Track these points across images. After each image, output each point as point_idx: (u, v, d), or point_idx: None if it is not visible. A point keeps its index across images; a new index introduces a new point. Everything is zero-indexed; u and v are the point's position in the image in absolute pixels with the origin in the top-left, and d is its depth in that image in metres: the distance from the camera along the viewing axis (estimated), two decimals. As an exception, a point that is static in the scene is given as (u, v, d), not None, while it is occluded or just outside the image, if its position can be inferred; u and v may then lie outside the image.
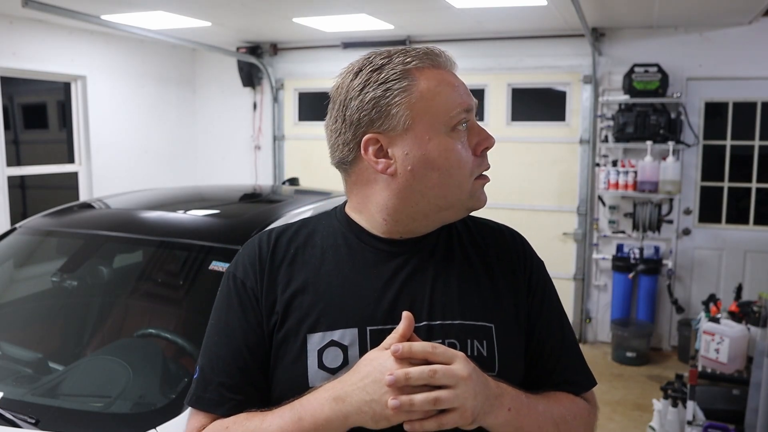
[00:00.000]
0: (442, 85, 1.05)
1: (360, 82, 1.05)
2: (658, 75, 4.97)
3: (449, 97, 1.04)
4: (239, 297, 1.10)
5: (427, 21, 5.14)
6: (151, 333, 2.21)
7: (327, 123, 1.14)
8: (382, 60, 1.05)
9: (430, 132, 1.04)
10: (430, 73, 1.05)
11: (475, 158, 1.10)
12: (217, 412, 1.07)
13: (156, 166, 6.20)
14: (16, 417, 1.76)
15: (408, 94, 1.03)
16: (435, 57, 1.06)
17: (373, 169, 1.06)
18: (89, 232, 2.60)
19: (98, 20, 4.50)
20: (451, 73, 1.08)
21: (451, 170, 1.06)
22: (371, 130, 1.05)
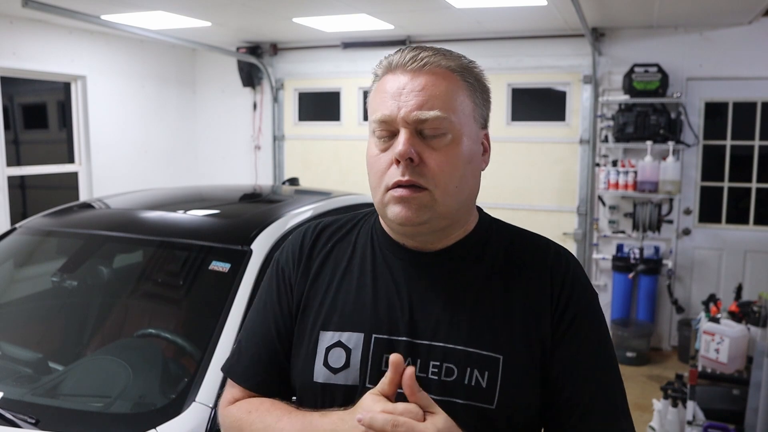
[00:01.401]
0: (380, 90, 1.05)
1: None
2: (658, 75, 4.97)
3: (376, 102, 1.05)
4: (277, 282, 1.15)
5: (427, 21, 5.14)
6: (151, 333, 2.21)
7: None
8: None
9: (370, 131, 1.07)
10: (385, 78, 1.06)
11: (392, 168, 1.02)
12: (245, 384, 1.12)
13: (156, 166, 6.20)
14: (16, 417, 1.76)
15: (369, 96, 1.09)
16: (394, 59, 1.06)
17: None
18: (89, 232, 2.60)
19: (98, 20, 4.50)
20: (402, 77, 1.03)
21: (369, 172, 1.08)
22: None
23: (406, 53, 1.05)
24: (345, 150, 6.24)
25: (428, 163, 1.00)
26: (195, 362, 1.95)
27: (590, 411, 1.01)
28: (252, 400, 1.10)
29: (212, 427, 1.79)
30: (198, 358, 1.95)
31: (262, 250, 2.30)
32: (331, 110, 6.30)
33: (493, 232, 1.14)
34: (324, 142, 6.34)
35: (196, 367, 1.92)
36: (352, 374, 1.03)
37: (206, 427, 1.78)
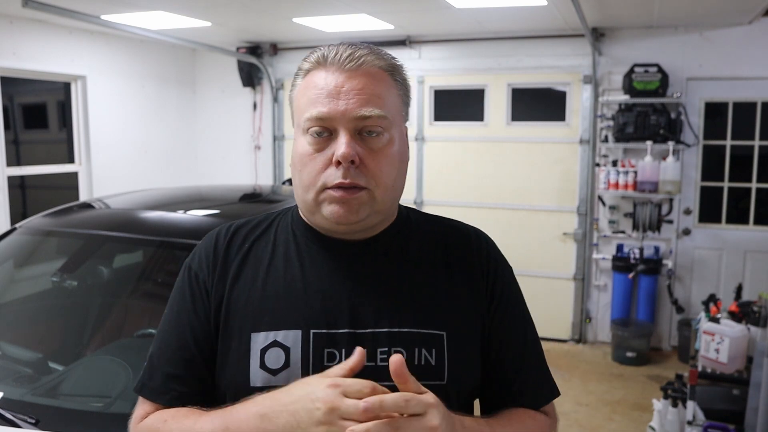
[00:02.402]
0: (311, 86, 1.03)
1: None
2: (658, 75, 4.97)
3: (308, 98, 1.03)
4: (191, 289, 1.09)
5: (427, 21, 5.14)
6: (151, 333, 2.20)
7: None
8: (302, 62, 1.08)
9: (296, 130, 1.06)
10: (315, 73, 1.04)
11: (329, 167, 1.00)
12: (159, 401, 1.07)
13: (156, 166, 6.20)
14: (16, 417, 1.76)
15: (296, 91, 1.07)
16: (328, 55, 1.04)
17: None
18: (89, 232, 2.60)
19: (98, 20, 4.50)
20: (339, 74, 1.02)
21: (299, 171, 1.04)
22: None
23: (341, 50, 1.03)
24: (345, 150, 6.22)
25: (368, 164, 1.00)
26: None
27: (523, 364, 1.12)
28: (166, 410, 1.05)
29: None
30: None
31: (262, 250, 2.29)
32: (331, 110, 6.29)
33: (413, 219, 1.16)
34: (324, 142, 6.33)
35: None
36: (294, 373, 0.99)
37: (206, 427, 1.78)
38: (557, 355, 5.32)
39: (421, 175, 5.97)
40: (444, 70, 5.82)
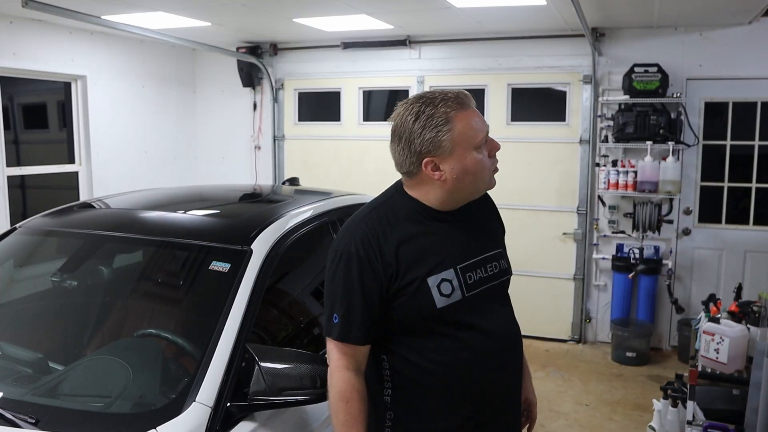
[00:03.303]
0: (469, 125, 1.64)
1: (419, 126, 1.62)
2: (658, 75, 4.97)
3: (475, 132, 1.65)
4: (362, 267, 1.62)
5: (427, 21, 5.14)
6: (151, 333, 2.21)
7: (394, 148, 1.72)
8: (430, 110, 1.62)
9: (465, 152, 1.64)
10: (461, 115, 1.64)
11: (490, 159, 1.70)
12: (359, 343, 1.64)
13: (156, 166, 6.20)
14: (16, 417, 1.76)
15: (451, 132, 1.62)
16: (463, 101, 1.65)
17: (430, 177, 1.66)
18: (89, 232, 2.60)
19: (98, 20, 4.50)
20: (473, 110, 1.66)
21: (479, 173, 1.68)
22: (429, 155, 1.64)
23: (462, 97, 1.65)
24: (345, 150, 6.24)
25: None
26: (195, 362, 1.95)
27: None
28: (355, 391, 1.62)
29: (212, 426, 1.79)
30: (198, 358, 1.95)
31: (262, 250, 2.30)
32: (331, 110, 6.30)
33: None
34: (324, 142, 6.34)
35: (196, 367, 1.92)
36: (457, 293, 1.66)
37: (206, 426, 1.78)
38: (557, 354, 5.32)
39: (421, 175, 5.96)
40: (444, 70, 5.82)
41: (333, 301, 1.65)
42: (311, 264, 2.82)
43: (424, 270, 1.64)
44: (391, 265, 1.63)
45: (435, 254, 1.67)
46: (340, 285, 1.64)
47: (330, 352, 1.66)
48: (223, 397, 1.84)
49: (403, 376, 1.69)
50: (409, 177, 1.72)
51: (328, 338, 1.66)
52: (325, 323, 1.68)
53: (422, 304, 1.64)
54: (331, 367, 1.65)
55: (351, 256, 1.64)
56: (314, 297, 2.72)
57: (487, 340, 1.71)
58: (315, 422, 2.15)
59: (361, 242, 1.65)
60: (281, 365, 1.90)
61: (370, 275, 1.62)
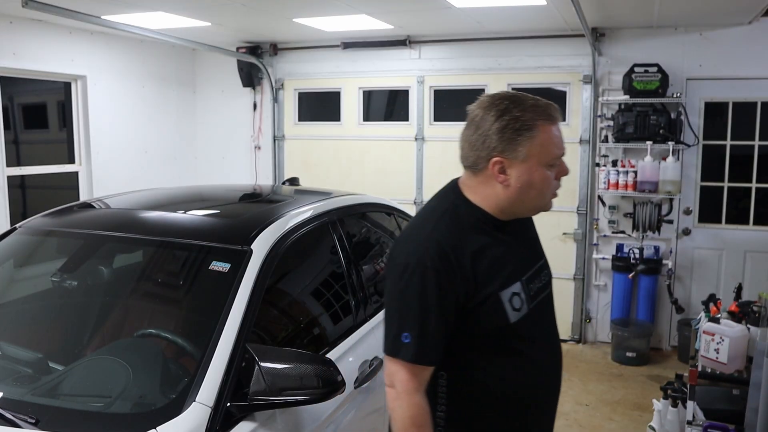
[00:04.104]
0: (551, 138, 1.59)
1: (501, 125, 1.55)
2: (658, 75, 4.97)
3: (554, 147, 1.61)
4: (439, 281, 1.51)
5: (427, 21, 5.14)
6: (151, 333, 2.21)
7: (466, 137, 1.64)
8: (518, 112, 1.55)
9: (537, 166, 1.59)
10: (546, 128, 1.58)
11: (555, 182, 1.66)
12: (432, 364, 1.55)
13: (156, 166, 6.20)
14: (16, 417, 1.76)
15: (531, 140, 1.56)
16: (552, 114, 1.60)
17: (493, 178, 1.59)
18: (89, 232, 2.60)
19: (98, 20, 4.50)
20: (557, 126, 1.62)
21: (543, 190, 1.64)
22: (499, 155, 1.57)
23: (552, 110, 1.61)
24: (345, 150, 6.24)
25: None
26: (195, 362, 1.95)
27: None
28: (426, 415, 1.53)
29: (212, 426, 1.79)
30: (198, 358, 1.95)
31: (262, 250, 2.30)
32: (331, 110, 6.30)
33: None
34: (324, 142, 6.34)
35: (196, 367, 1.92)
36: (525, 306, 1.61)
37: (206, 427, 1.78)
38: (557, 355, 5.32)
39: (421, 175, 5.97)
40: (444, 70, 5.82)
41: (403, 319, 1.53)
42: (311, 264, 2.82)
43: (497, 284, 1.57)
44: (468, 280, 1.53)
45: (504, 267, 1.60)
46: (413, 301, 1.51)
47: (396, 373, 1.53)
48: (223, 397, 1.84)
49: (461, 393, 1.62)
50: (473, 173, 1.64)
51: (393, 358, 1.53)
52: (390, 342, 1.55)
53: (495, 319, 1.57)
54: (398, 390, 1.52)
55: (426, 269, 1.51)
56: (314, 297, 2.72)
57: (547, 353, 1.71)
58: (315, 422, 2.15)
59: (437, 254, 1.52)
60: (281, 365, 1.90)
61: (448, 290, 1.51)
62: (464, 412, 1.62)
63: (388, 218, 3.64)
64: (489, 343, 1.59)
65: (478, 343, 1.59)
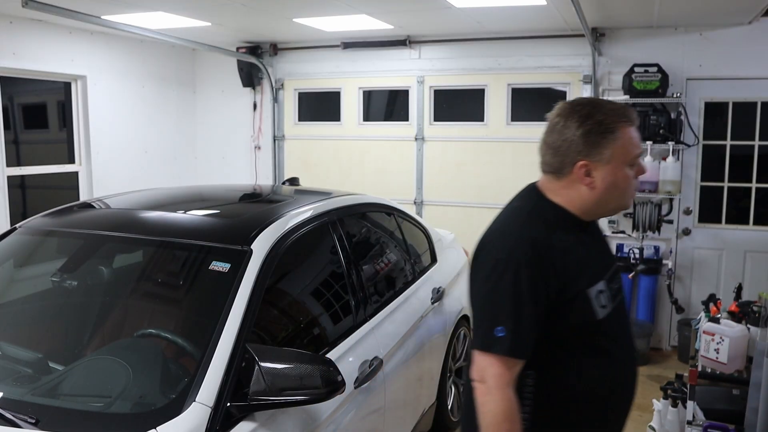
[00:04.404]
0: (631, 139, 1.65)
1: (586, 130, 1.61)
2: (658, 75, 4.97)
3: (634, 147, 1.66)
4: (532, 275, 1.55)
5: (427, 21, 5.14)
6: (151, 333, 2.21)
7: (549, 144, 1.68)
8: (601, 116, 1.62)
9: (620, 166, 1.64)
10: (626, 129, 1.64)
11: (635, 181, 1.70)
12: (525, 357, 1.56)
13: (156, 166, 6.20)
14: (16, 417, 1.76)
15: (614, 142, 1.62)
16: (630, 116, 1.66)
17: (579, 181, 1.65)
18: (89, 232, 2.60)
19: (98, 20, 4.50)
20: (635, 127, 1.67)
21: (626, 190, 1.69)
22: (584, 158, 1.63)
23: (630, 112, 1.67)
24: (345, 150, 6.24)
25: None
26: (195, 362, 1.95)
27: None
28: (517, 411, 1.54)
29: (212, 426, 1.79)
30: (198, 358, 1.95)
31: (262, 250, 2.30)
32: (331, 110, 6.30)
33: None
34: (324, 142, 6.34)
35: (196, 367, 1.92)
36: (609, 304, 1.65)
37: (206, 427, 1.78)
38: (557, 355, 5.32)
39: (421, 175, 5.97)
40: (444, 70, 5.82)
41: (497, 313, 1.56)
42: (311, 264, 2.82)
43: (584, 281, 1.62)
44: (560, 276, 1.58)
45: (589, 265, 1.66)
46: (507, 295, 1.55)
47: (488, 368, 1.55)
48: (223, 397, 1.84)
49: (548, 393, 1.63)
50: (557, 177, 1.69)
51: (484, 353, 1.56)
52: (482, 337, 1.58)
53: (584, 316, 1.61)
54: (490, 385, 1.54)
55: (520, 264, 1.56)
56: (314, 297, 2.72)
57: (627, 353, 1.75)
58: (315, 422, 2.15)
59: (530, 250, 1.58)
60: (281, 365, 1.90)
61: (540, 286, 1.56)
62: (550, 411, 1.63)
63: (388, 218, 3.64)
64: (577, 342, 1.63)
65: (567, 342, 1.62)
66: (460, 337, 3.98)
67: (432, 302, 3.50)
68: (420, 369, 3.28)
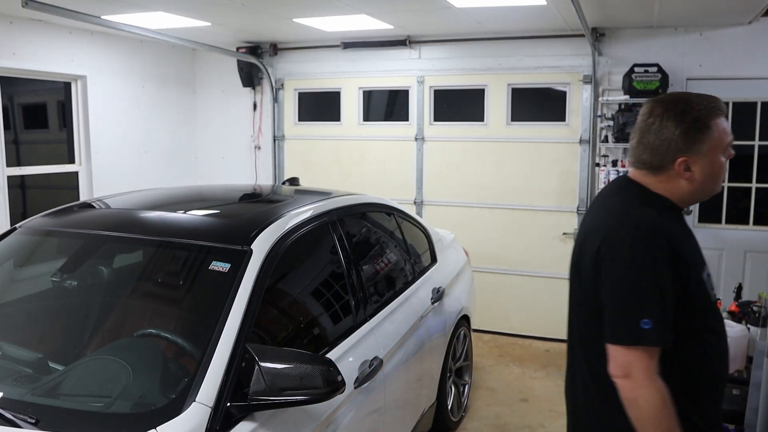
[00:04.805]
0: (724, 130, 1.72)
1: (684, 128, 1.68)
2: (658, 75, 4.97)
3: (727, 136, 1.73)
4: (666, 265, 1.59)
5: (427, 21, 5.14)
6: (151, 333, 2.21)
7: (647, 143, 1.75)
8: (696, 113, 1.69)
9: (716, 157, 1.73)
10: (719, 121, 1.71)
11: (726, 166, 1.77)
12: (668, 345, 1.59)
13: (156, 166, 6.20)
14: (16, 417, 1.76)
15: (710, 136, 1.70)
16: (721, 107, 1.73)
17: (678, 175, 1.73)
18: (89, 232, 2.60)
19: (98, 20, 4.50)
20: (725, 116, 1.74)
21: (720, 176, 1.78)
22: (684, 155, 1.70)
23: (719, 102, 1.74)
24: (345, 150, 6.24)
25: None
26: (195, 362, 1.95)
27: None
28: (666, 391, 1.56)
29: (212, 426, 1.79)
30: (198, 358, 1.95)
31: (262, 250, 2.30)
32: (331, 110, 6.30)
33: None
34: (324, 142, 6.34)
35: (196, 367, 1.92)
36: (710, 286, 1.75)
37: (206, 427, 1.78)
38: (557, 354, 5.31)
39: (421, 175, 5.97)
40: (444, 70, 5.82)
41: (641, 304, 1.57)
42: (311, 264, 2.82)
43: (699, 266, 1.72)
44: (686, 262, 1.64)
45: (698, 251, 1.76)
46: (648, 286, 1.58)
47: (636, 361, 1.56)
48: (223, 397, 1.84)
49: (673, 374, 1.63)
50: (652, 173, 1.76)
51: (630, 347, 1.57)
52: (627, 331, 1.58)
53: (703, 299, 1.69)
54: (640, 378, 1.55)
55: (657, 254, 1.60)
56: (314, 297, 2.72)
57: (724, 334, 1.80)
58: (315, 422, 2.15)
59: (666, 240, 1.62)
60: (281, 365, 1.90)
61: (674, 273, 1.60)
62: (679, 391, 1.63)
63: (388, 218, 3.64)
64: (699, 324, 1.68)
65: (691, 325, 1.66)
66: (460, 337, 3.98)
67: (432, 302, 3.50)
68: (420, 369, 3.28)
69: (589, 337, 1.80)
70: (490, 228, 5.76)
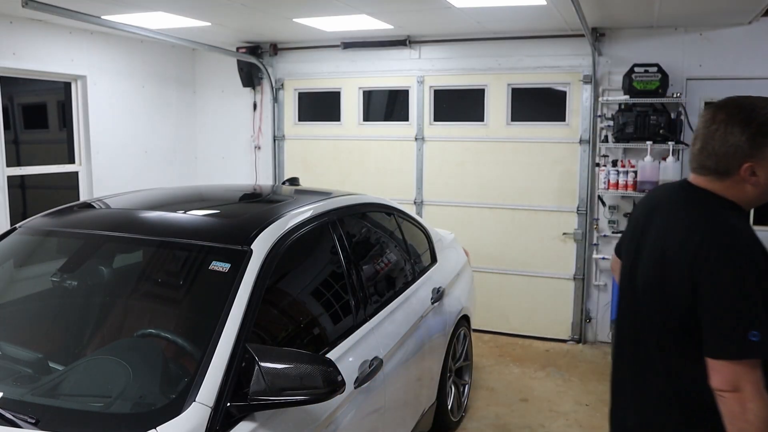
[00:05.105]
0: None
1: (750, 134, 1.67)
2: (658, 75, 4.97)
3: None
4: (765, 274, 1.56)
5: (427, 21, 5.14)
6: (151, 333, 2.21)
7: (712, 149, 1.72)
8: (762, 118, 1.67)
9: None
10: None
11: None
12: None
13: (156, 166, 6.20)
14: (16, 417, 1.76)
15: None
16: None
17: (743, 180, 1.70)
18: (89, 232, 2.60)
19: (98, 20, 4.50)
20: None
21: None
22: (750, 160, 1.68)
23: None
24: (345, 150, 6.24)
25: None
26: (195, 362, 1.95)
27: None
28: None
29: (212, 426, 1.79)
30: (198, 358, 1.95)
31: (262, 250, 2.30)
32: (331, 110, 6.30)
33: None
34: (324, 142, 6.34)
35: (196, 367, 1.92)
36: None
37: (206, 427, 1.78)
38: (557, 354, 5.32)
39: (421, 175, 5.97)
40: (444, 70, 5.82)
41: (748, 317, 1.53)
42: (311, 264, 2.82)
43: None
44: None
45: None
46: (755, 297, 1.54)
47: (745, 375, 1.52)
48: (223, 397, 1.84)
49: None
50: (717, 178, 1.74)
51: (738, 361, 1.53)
52: (737, 344, 1.54)
53: None
54: (751, 392, 1.51)
55: (758, 263, 1.59)
56: (314, 297, 2.72)
57: None
58: (315, 422, 2.15)
59: (762, 250, 1.61)
60: (281, 365, 1.90)
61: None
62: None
63: (388, 218, 3.64)
64: None
65: None
66: (460, 337, 3.98)
67: (432, 302, 3.50)
68: (420, 369, 3.28)
69: (674, 351, 1.73)
70: (490, 228, 5.76)
